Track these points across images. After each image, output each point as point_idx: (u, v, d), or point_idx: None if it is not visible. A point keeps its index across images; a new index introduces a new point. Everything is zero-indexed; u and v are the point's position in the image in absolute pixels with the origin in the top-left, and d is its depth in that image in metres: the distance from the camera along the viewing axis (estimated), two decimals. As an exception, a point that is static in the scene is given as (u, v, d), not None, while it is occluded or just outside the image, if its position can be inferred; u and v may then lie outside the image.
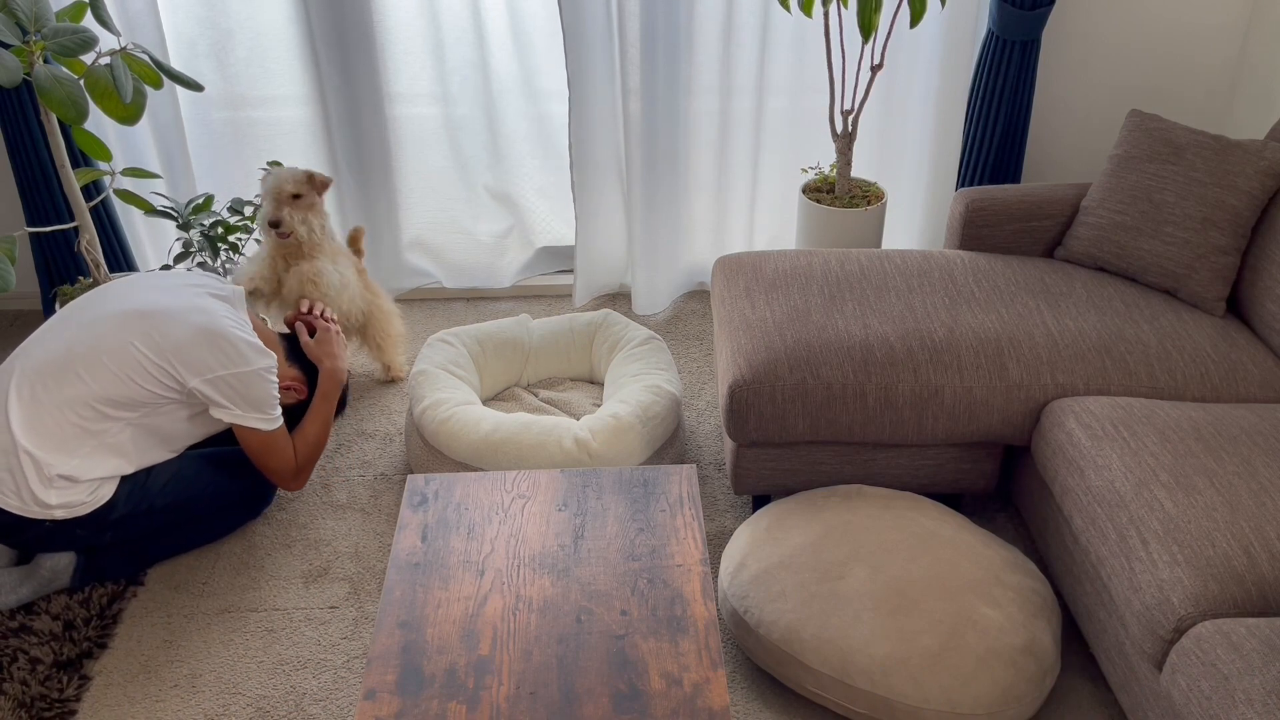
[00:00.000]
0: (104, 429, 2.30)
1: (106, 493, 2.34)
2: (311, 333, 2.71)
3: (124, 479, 2.38)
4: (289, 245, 2.85)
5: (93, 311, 2.38)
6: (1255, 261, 2.52)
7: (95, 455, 2.30)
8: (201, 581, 2.49)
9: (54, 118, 2.73)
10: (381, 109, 3.27)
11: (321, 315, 2.75)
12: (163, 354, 2.31)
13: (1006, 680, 1.99)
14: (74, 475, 2.27)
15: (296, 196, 2.81)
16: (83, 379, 2.28)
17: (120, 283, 2.50)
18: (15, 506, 2.26)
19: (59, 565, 2.39)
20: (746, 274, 2.68)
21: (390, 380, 3.19)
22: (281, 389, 2.59)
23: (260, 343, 2.43)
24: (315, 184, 2.85)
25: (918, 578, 2.11)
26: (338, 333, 2.72)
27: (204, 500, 2.49)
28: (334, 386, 2.62)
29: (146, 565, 2.50)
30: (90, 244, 2.91)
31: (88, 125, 3.11)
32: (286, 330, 2.80)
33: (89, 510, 2.32)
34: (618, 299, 3.60)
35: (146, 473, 2.42)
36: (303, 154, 3.37)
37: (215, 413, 2.37)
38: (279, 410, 2.44)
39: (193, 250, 3.05)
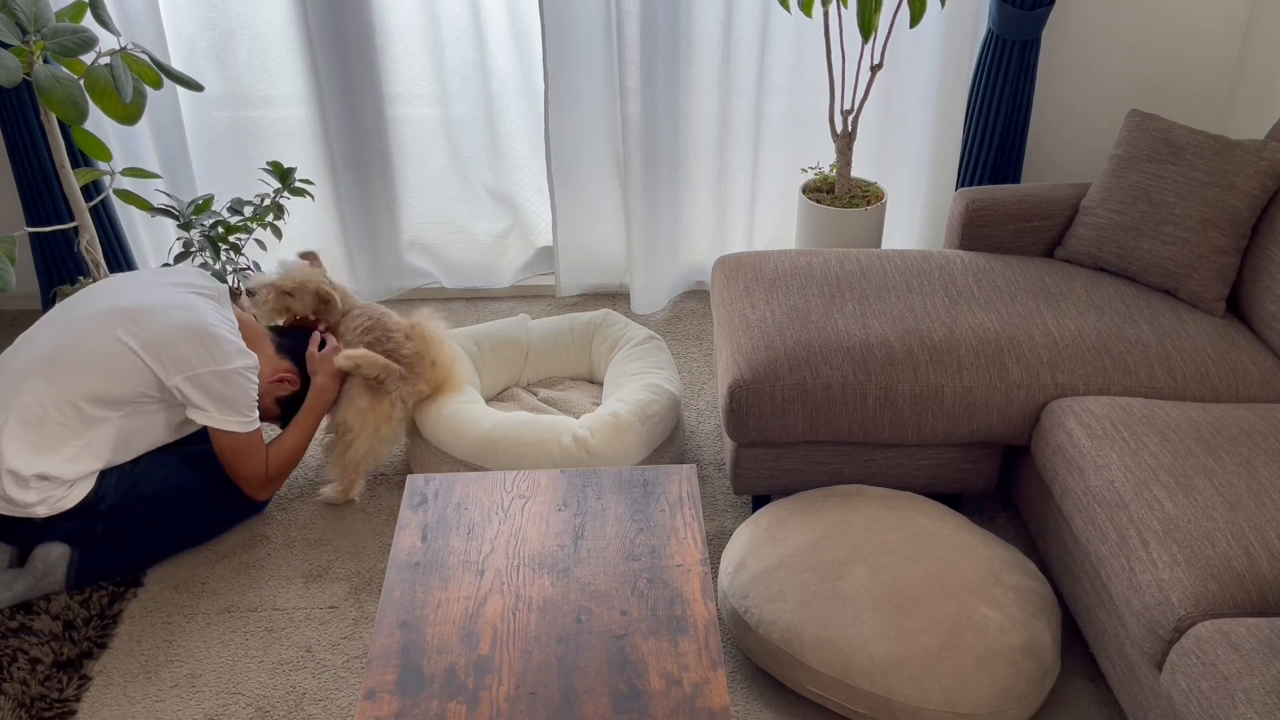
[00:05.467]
0: (87, 429, 2.31)
1: (86, 485, 2.35)
2: (323, 345, 2.70)
3: (109, 469, 2.39)
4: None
5: (79, 311, 2.39)
6: (1255, 261, 2.52)
7: (76, 457, 2.32)
8: (201, 581, 2.49)
9: (54, 118, 2.73)
10: (381, 109, 3.27)
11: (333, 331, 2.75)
12: (147, 349, 2.31)
13: (1006, 680, 1.99)
14: (51, 474, 2.29)
15: (289, 292, 2.74)
16: (68, 379, 2.29)
17: (106, 282, 2.51)
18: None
19: (52, 558, 2.39)
20: (746, 274, 2.68)
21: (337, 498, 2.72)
22: (273, 382, 2.59)
23: (243, 343, 2.42)
24: (321, 299, 2.74)
25: (918, 578, 2.11)
26: (331, 351, 2.67)
27: (196, 489, 2.49)
28: (322, 403, 2.61)
29: (143, 563, 2.50)
30: (90, 244, 2.91)
31: (88, 125, 3.11)
32: (278, 323, 2.79)
33: (73, 504, 2.33)
34: (616, 298, 3.60)
35: (134, 461, 2.43)
36: (302, 154, 3.37)
37: (192, 414, 2.37)
38: (256, 413, 2.44)
39: (193, 250, 3.05)
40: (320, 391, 2.62)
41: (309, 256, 2.81)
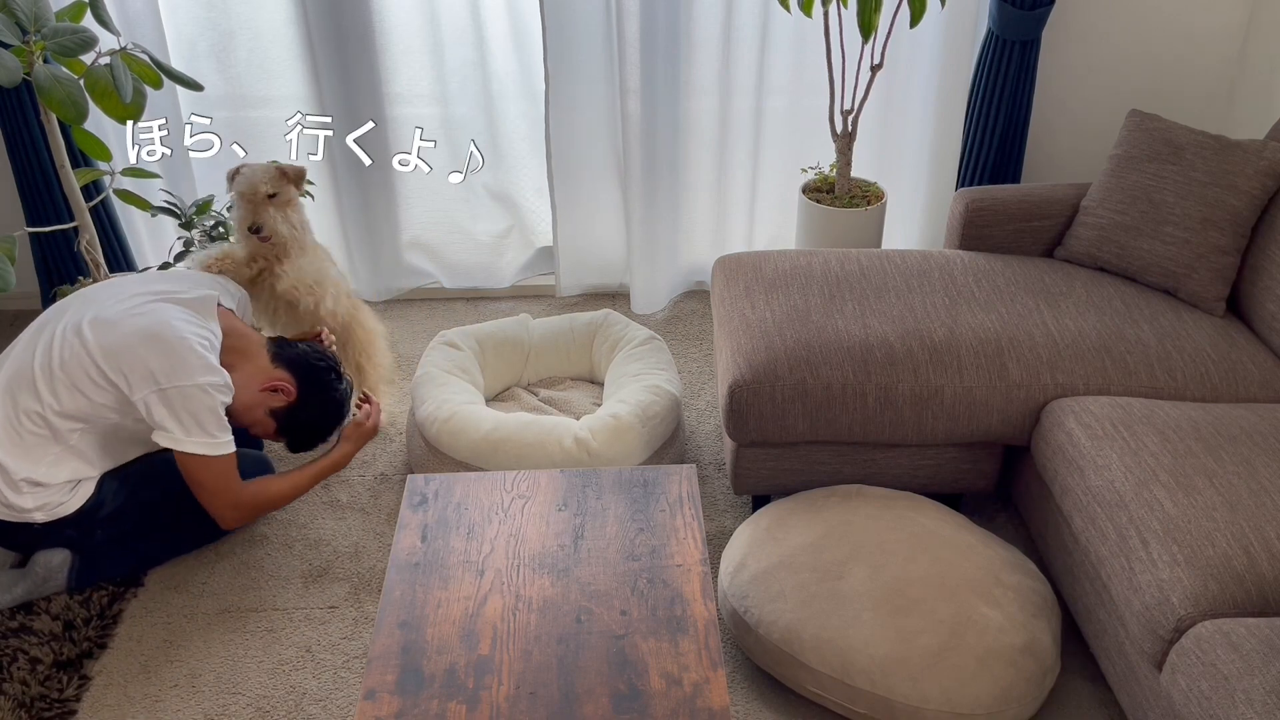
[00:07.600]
0: (60, 439, 2.28)
1: (85, 492, 2.33)
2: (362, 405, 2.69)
3: (108, 475, 2.38)
4: (268, 248, 2.70)
5: (58, 323, 2.34)
6: (1255, 261, 2.52)
7: (59, 461, 2.29)
8: (201, 581, 2.49)
9: (54, 118, 2.73)
10: (381, 109, 3.27)
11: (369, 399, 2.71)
12: (108, 359, 2.24)
13: (1006, 680, 1.99)
14: (40, 480, 2.27)
15: (273, 196, 2.66)
16: (40, 394, 2.25)
17: (85, 290, 2.45)
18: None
19: (53, 564, 2.39)
20: (746, 274, 2.68)
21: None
22: (264, 390, 2.45)
23: (214, 360, 2.30)
24: (289, 177, 2.70)
25: (918, 578, 2.11)
26: (371, 426, 2.66)
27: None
28: (333, 468, 2.57)
29: (144, 567, 2.50)
30: (90, 244, 2.91)
31: (88, 125, 3.11)
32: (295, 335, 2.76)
33: (72, 510, 2.32)
34: (616, 298, 3.60)
35: (132, 465, 2.42)
36: (302, 154, 3.37)
37: (156, 436, 2.27)
38: (228, 436, 2.31)
39: (194, 249, 3.05)
40: (341, 457, 2.59)
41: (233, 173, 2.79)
